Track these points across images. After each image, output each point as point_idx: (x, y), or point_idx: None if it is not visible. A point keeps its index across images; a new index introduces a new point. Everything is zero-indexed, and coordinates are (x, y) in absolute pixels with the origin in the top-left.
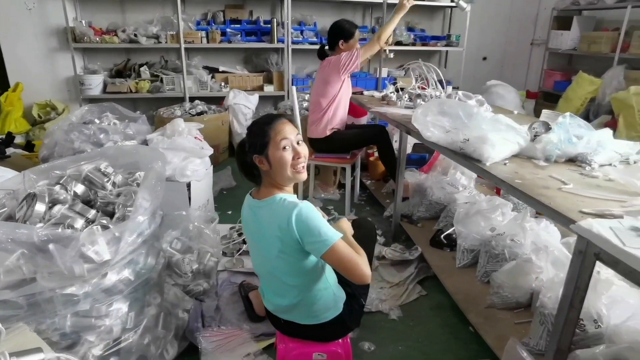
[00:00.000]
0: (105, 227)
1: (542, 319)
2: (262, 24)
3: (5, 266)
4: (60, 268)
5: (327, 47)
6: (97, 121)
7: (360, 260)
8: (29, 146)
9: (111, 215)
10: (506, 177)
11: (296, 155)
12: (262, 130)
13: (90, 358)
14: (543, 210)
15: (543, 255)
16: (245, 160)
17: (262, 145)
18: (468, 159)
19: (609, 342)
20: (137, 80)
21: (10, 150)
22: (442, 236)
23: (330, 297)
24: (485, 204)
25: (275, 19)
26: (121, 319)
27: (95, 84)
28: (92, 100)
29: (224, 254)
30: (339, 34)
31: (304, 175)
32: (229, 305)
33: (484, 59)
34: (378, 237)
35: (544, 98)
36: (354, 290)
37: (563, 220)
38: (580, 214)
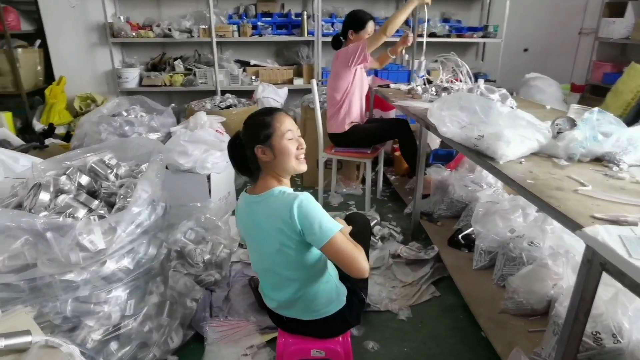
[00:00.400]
0: (102, 217)
1: (555, 329)
2: (293, 16)
3: (11, 251)
4: (57, 255)
5: (341, 37)
6: (124, 113)
7: (359, 254)
8: (68, 137)
9: (114, 205)
10: (517, 176)
11: (299, 146)
12: (264, 121)
13: (89, 342)
14: (550, 213)
15: (562, 260)
16: (241, 154)
17: (266, 135)
18: (481, 157)
19: (630, 358)
20: (171, 74)
21: (50, 141)
22: (460, 236)
23: (332, 289)
24: (508, 204)
25: (305, 12)
26: (120, 306)
27: (131, 77)
28: (130, 92)
29: (241, 245)
30: (350, 24)
31: (305, 166)
32: (239, 297)
33: (525, 50)
34: (396, 235)
35: (591, 91)
36: (354, 284)
37: (570, 225)
38: (591, 219)
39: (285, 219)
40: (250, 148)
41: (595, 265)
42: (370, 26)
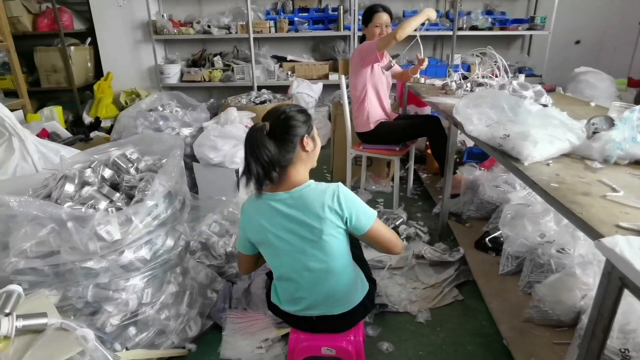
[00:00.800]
0: (119, 209)
1: (580, 342)
2: (330, 11)
3: (38, 238)
4: (77, 244)
5: None
6: (160, 108)
7: (393, 232)
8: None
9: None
10: (541, 179)
11: None
12: (307, 113)
13: (108, 326)
14: (571, 219)
15: (594, 270)
16: (287, 144)
17: (311, 126)
18: (506, 157)
19: None
20: (210, 70)
21: (95, 134)
22: (487, 239)
23: (358, 276)
24: (540, 207)
25: (342, 6)
26: (137, 293)
27: (173, 73)
28: (172, 88)
29: None
30: (362, 20)
31: None
32: (259, 290)
33: (577, 42)
34: (422, 235)
35: None
36: (362, 268)
37: (590, 234)
38: (614, 229)
39: (332, 207)
40: (293, 139)
41: (614, 279)
42: (377, 18)
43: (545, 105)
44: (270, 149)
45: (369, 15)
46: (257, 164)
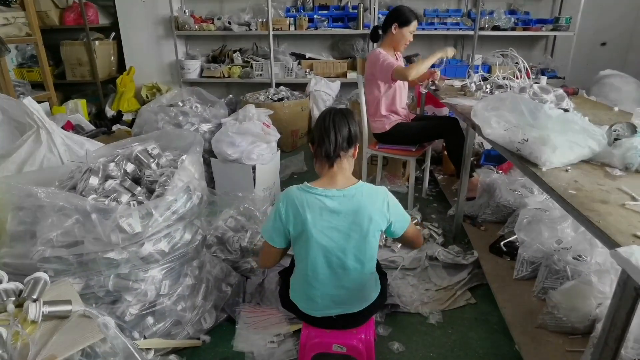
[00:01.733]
0: (141, 203)
1: (593, 351)
2: (350, 9)
3: (64, 228)
4: (100, 235)
5: (379, 30)
6: (180, 104)
7: (416, 229)
8: (134, 123)
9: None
10: (559, 185)
11: None
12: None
13: (128, 315)
14: (588, 227)
15: (610, 279)
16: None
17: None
18: (524, 162)
19: None
20: (229, 66)
21: (117, 127)
22: (502, 243)
23: (375, 274)
24: (558, 212)
25: (362, 4)
26: (155, 285)
27: (193, 68)
28: (192, 83)
29: None
30: (396, 17)
31: None
32: (272, 285)
33: (603, 44)
34: (437, 237)
35: None
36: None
37: (607, 243)
38: (631, 238)
39: (381, 210)
40: (356, 139)
41: (629, 289)
42: (414, 25)
43: (566, 110)
44: (351, 129)
45: (408, 19)
46: (336, 138)
